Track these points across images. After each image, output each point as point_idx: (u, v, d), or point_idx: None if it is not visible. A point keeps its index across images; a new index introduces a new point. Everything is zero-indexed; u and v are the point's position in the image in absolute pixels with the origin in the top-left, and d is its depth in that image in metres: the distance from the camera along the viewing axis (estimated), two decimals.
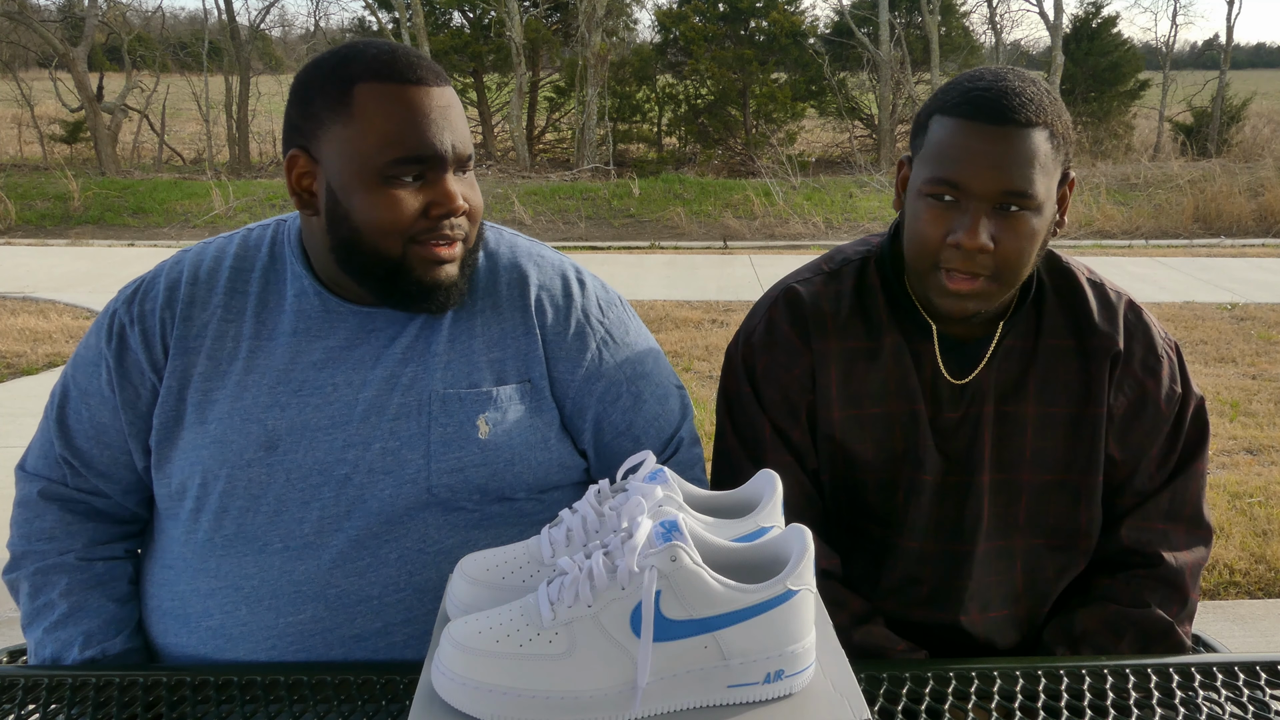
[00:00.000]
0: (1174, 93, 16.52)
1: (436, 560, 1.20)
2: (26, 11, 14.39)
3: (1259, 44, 79.37)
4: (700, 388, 5.08)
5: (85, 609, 1.24)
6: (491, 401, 1.23)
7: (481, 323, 1.27)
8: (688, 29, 15.17)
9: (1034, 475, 1.33)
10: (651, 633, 0.79)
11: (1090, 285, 1.36)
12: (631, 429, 1.32)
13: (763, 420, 1.35)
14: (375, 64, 1.15)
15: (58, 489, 1.29)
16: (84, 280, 7.61)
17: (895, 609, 1.36)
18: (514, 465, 1.23)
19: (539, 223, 10.62)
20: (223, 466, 1.19)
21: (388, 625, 1.19)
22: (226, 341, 1.24)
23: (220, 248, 1.30)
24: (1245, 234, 10.37)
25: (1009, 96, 1.18)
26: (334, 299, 1.24)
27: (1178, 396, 1.35)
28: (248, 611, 1.18)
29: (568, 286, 1.32)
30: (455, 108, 1.20)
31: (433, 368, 1.23)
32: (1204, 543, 1.36)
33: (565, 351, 1.29)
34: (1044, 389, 1.32)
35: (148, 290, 1.27)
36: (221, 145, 15.65)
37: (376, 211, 1.15)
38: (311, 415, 1.20)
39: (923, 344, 1.33)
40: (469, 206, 1.20)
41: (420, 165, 1.16)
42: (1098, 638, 1.31)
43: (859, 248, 1.40)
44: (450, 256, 1.19)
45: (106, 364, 1.25)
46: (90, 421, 1.26)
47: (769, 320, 1.36)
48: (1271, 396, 4.98)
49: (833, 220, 10.78)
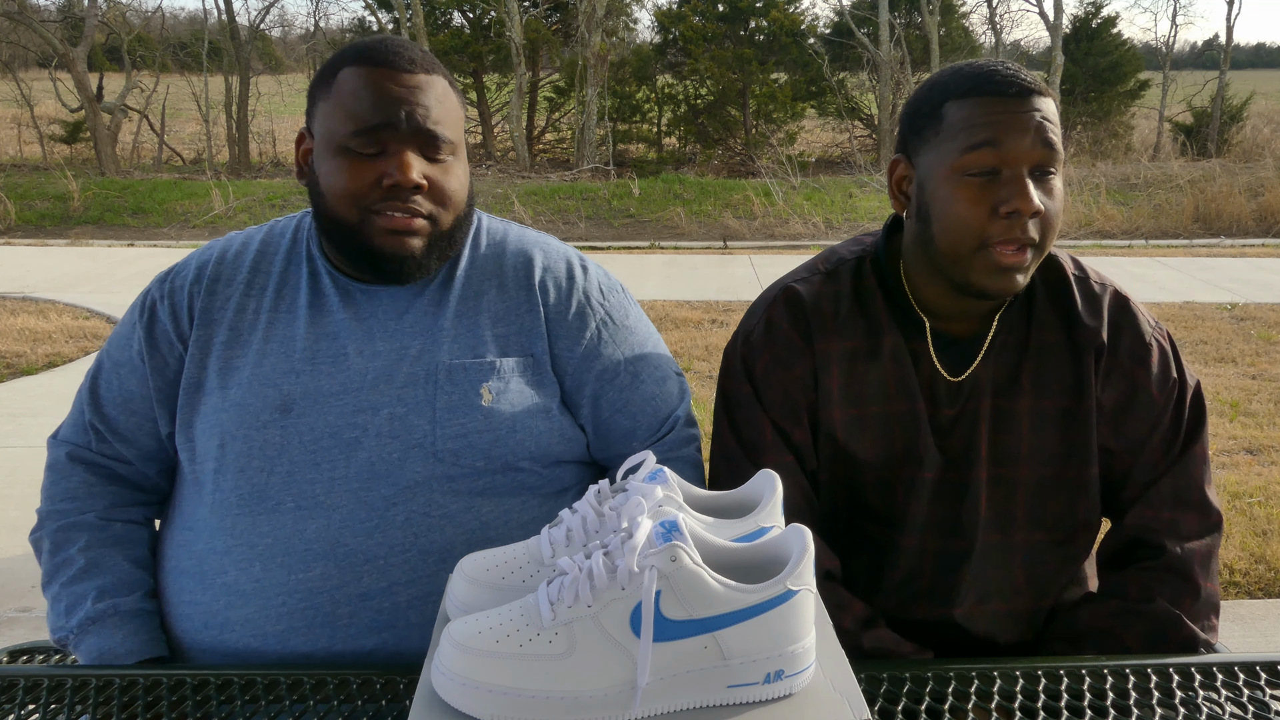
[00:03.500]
0: (1174, 93, 16.53)
1: (441, 524, 1.24)
2: (26, 11, 14.39)
3: (1259, 44, 79.49)
4: (700, 388, 5.07)
5: (101, 565, 1.30)
6: (495, 371, 1.29)
7: (488, 300, 1.34)
8: (686, 29, 15.18)
9: (1031, 470, 1.33)
10: (652, 633, 0.79)
11: (1075, 280, 1.36)
12: (628, 407, 1.37)
13: (763, 420, 1.34)
14: (360, 50, 1.26)
15: (83, 453, 1.37)
16: (84, 280, 7.61)
17: (895, 607, 1.36)
18: (516, 432, 1.28)
19: (539, 223, 10.62)
20: (240, 428, 1.26)
21: (393, 585, 1.23)
22: (247, 314, 1.32)
23: (249, 236, 1.41)
24: (1245, 234, 10.38)
25: (1015, 73, 1.24)
26: (344, 278, 1.33)
27: (1173, 383, 1.34)
28: (260, 568, 1.23)
29: (571, 270, 1.39)
30: (433, 92, 1.26)
31: (440, 341, 1.30)
32: (1214, 529, 1.34)
33: (566, 329, 1.35)
34: (1037, 383, 1.33)
35: (180, 270, 1.38)
36: (221, 145, 15.67)
37: (334, 178, 1.24)
38: (324, 382, 1.27)
39: (919, 342, 1.33)
40: (431, 186, 1.25)
41: (374, 135, 1.22)
42: (1101, 634, 1.30)
43: (853, 248, 1.40)
44: (406, 228, 1.24)
45: (139, 336, 1.34)
46: (120, 390, 1.35)
47: (768, 320, 1.36)
48: (1271, 396, 4.98)
49: (833, 220, 10.78)
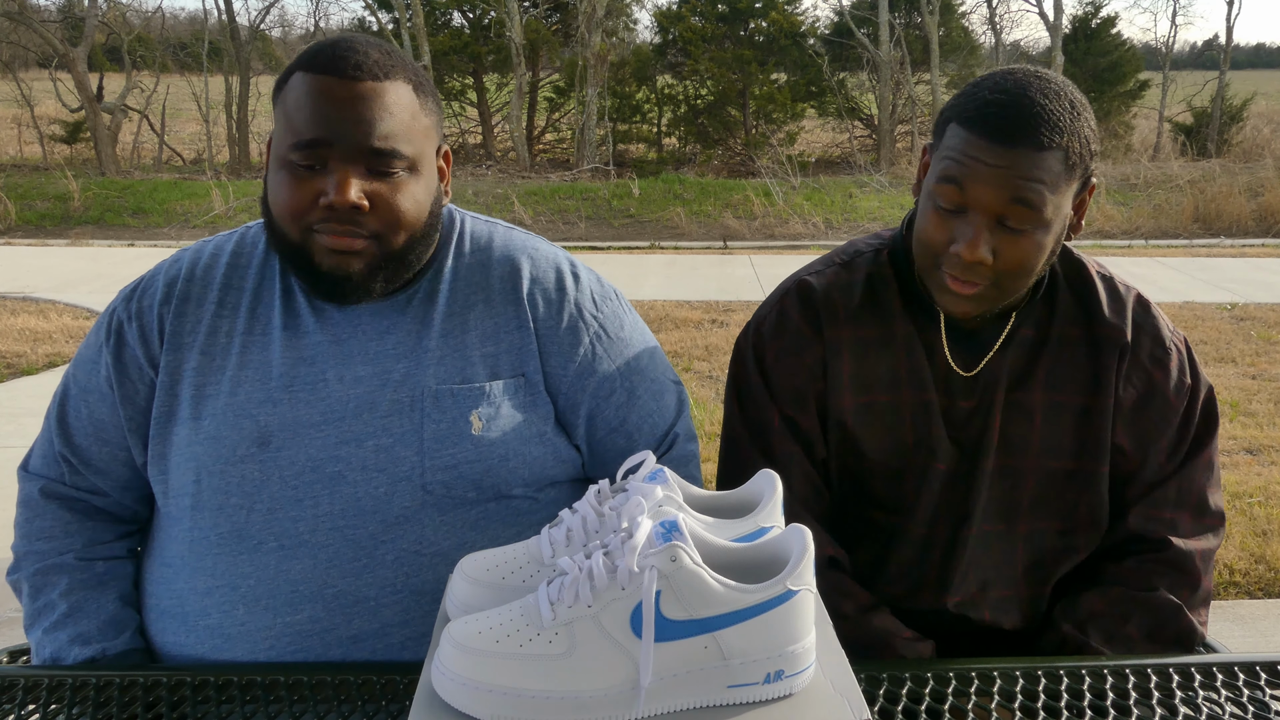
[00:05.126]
0: (1174, 93, 16.50)
1: (433, 562, 1.19)
2: (26, 11, 14.38)
3: (1259, 44, 79.51)
4: (700, 388, 5.07)
5: (85, 609, 1.23)
6: (485, 397, 1.22)
7: (475, 317, 1.25)
8: (685, 29, 15.17)
9: (1041, 462, 1.34)
10: (653, 633, 0.79)
11: (1100, 278, 1.37)
12: (625, 425, 1.31)
13: (772, 409, 1.35)
14: (312, 53, 1.19)
15: (57, 487, 1.29)
16: (84, 280, 7.61)
17: (900, 594, 1.37)
18: (509, 460, 1.22)
19: (539, 223, 10.62)
20: (216, 462, 1.19)
21: (385, 626, 1.18)
22: (219, 337, 1.24)
23: (219, 245, 1.31)
24: (1245, 234, 10.37)
25: (1025, 114, 1.15)
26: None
27: (1187, 388, 1.35)
28: (245, 611, 1.17)
29: (561, 280, 1.30)
30: (381, 101, 1.16)
31: (425, 363, 1.22)
32: (1213, 530, 1.36)
33: (558, 346, 1.27)
34: (1052, 377, 1.33)
35: (146, 288, 1.28)
36: (221, 145, 15.65)
37: (277, 194, 1.18)
38: (303, 411, 1.19)
39: (933, 334, 1.34)
40: (376, 204, 1.16)
41: (310, 151, 1.14)
42: (1105, 620, 1.31)
43: (872, 241, 1.41)
44: (345, 248, 1.16)
45: (106, 361, 1.25)
46: (89, 419, 1.27)
47: (780, 310, 1.37)
48: (1271, 396, 4.98)
49: (833, 220, 10.78)
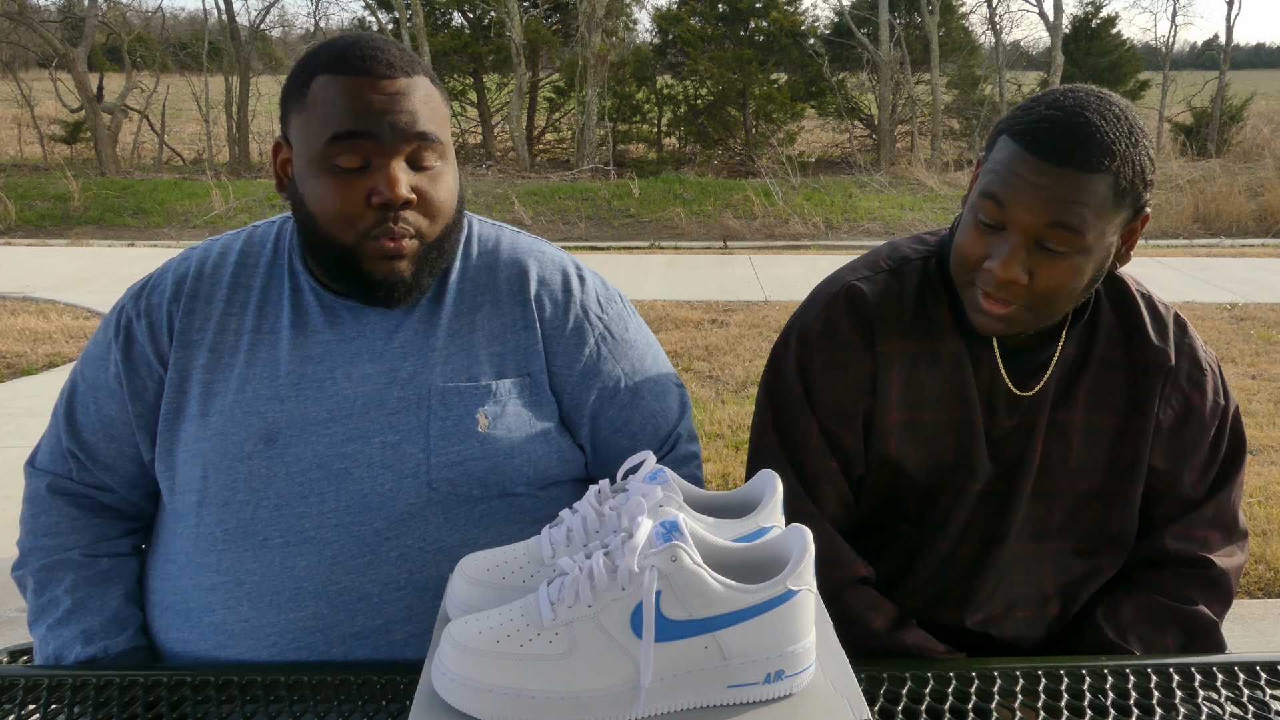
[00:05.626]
0: (1174, 93, 16.50)
1: (437, 559, 1.20)
2: (26, 11, 14.38)
3: (1259, 44, 79.54)
4: (700, 388, 5.07)
5: (88, 606, 1.24)
6: (491, 395, 1.23)
7: (482, 317, 1.27)
8: (685, 30, 15.17)
9: (1075, 482, 1.32)
10: (653, 633, 0.79)
11: (1141, 298, 1.34)
12: (628, 425, 1.32)
13: (811, 421, 1.30)
14: (331, 56, 1.19)
15: (64, 483, 1.29)
16: (84, 280, 7.60)
17: (918, 606, 1.35)
18: (514, 458, 1.23)
19: (539, 223, 10.61)
20: (223, 459, 1.19)
21: (388, 623, 1.19)
22: (228, 335, 1.25)
23: (226, 244, 1.32)
24: (1245, 234, 10.37)
25: (1077, 133, 1.11)
26: (329, 295, 1.26)
27: (1220, 408, 1.35)
28: (249, 607, 1.18)
29: (567, 282, 1.32)
30: (414, 96, 1.18)
31: (432, 362, 1.23)
32: (1241, 546, 1.38)
33: (563, 346, 1.29)
34: (1091, 398, 1.31)
35: (155, 285, 1.29)
36: (221, 145, 15.65)
37: (323, 200, 1.17)
38: (310, 408, 1.21)
39: (983, 350, 1.30)
40: (420, 198, 1.18)
41: (356, 150, 1.15)
42: (1144, 628, 1.31)
43: (917, 246, 1.35)
44: (398, 252, 1.18)
45: (114, 358, 1.26)
46: (97, 415, 1.28)
47: (827, 318, 1.30)
48: (1271, 396, 4.98)
49: (833, 220, 10.78)
